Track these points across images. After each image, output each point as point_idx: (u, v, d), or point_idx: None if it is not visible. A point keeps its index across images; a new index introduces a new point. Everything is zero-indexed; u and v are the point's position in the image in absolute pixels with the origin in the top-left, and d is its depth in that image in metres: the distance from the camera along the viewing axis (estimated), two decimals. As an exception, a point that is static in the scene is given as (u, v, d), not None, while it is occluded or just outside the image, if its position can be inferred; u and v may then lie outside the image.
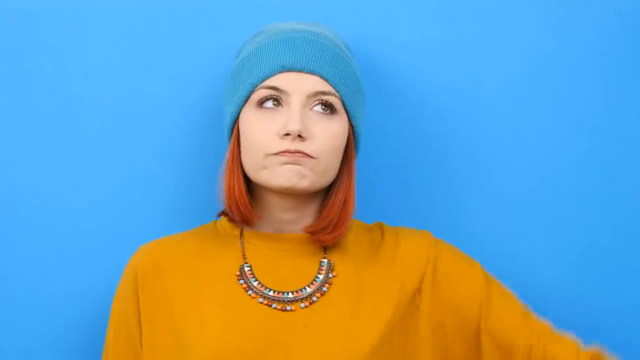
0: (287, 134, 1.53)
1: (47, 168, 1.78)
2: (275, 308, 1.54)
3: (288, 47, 1.57)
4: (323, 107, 1.56)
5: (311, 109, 1.56)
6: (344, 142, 1.58)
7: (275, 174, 1.54)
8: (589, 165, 1.80)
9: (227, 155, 1.60)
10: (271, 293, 1.56)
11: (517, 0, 1.82)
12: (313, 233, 1.59)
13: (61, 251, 1.78)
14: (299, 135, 1.53)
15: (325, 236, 1.58)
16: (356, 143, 1.62)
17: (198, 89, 1.81)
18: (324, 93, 1.56)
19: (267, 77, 1.56)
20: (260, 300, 1.55)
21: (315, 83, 1.56)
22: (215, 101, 1.79)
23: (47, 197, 1.78)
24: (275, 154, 1.53)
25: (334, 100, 1.57)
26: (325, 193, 1.62)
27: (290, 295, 1.56)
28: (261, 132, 1.55)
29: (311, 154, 1.54)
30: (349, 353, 1.52)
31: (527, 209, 1.80)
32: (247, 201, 1.58)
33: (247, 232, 1.62)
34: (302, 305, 1.55)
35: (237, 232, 1.62)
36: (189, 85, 1.80)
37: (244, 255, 1.60)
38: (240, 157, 1.58)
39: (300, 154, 1.53)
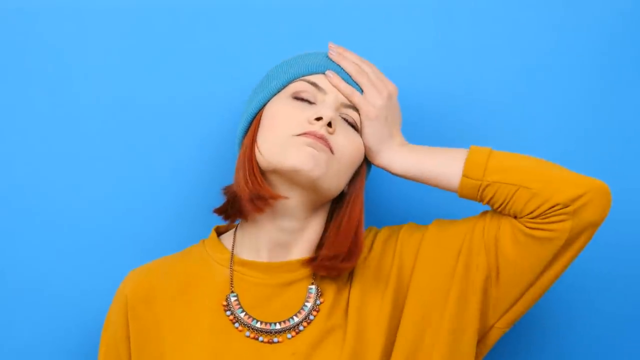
0: (319, 118, 1.53)
1: (47, 168, 1.79)
2: (262, 341, 1.53)
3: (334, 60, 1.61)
4: (350, 119, 1.58)
5: (339, 115, 1.58)
6: (360, 157, 1.59)
7: (292, 152, 1.52)
8: (589, 165, 1.79)
9: (245, 143, 1.59)
10: (258, 325, 1.54)
11: (517, 0, 1.82)
12: (325, 260, 1.56)
13: (61, 251, 1.79)
14: (329, 125, 1.53)
15: (344, 264, 1.56)
16: (368, 167, 1.63)
17: (198, 90, 1.81)
18: (354, 109, 1.58)
19: (311, 74, 1.58)
20: (247, 333, 1.54)
21: None
22: (215, 102, 1.80)
23: (47, 197, 1.79)
24: (300, 134, 1.53)
25: (359, 119, 1.58)
26: (327, 218, 1.61)
27: (278, 326, 1.54)
28: (290, 115, 1.55)
29: (332, 147, 1.54)
30: None
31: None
32: (264, 183, 1.55)
33: (237, 257, 1.60)
34: (289, 335, 1.54)
35: (225, 255, 1.60)
36: (189, 85, 1.81)
37: (231, 283, 1.58)
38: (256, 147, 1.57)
39: (323, 142, 1.53)
